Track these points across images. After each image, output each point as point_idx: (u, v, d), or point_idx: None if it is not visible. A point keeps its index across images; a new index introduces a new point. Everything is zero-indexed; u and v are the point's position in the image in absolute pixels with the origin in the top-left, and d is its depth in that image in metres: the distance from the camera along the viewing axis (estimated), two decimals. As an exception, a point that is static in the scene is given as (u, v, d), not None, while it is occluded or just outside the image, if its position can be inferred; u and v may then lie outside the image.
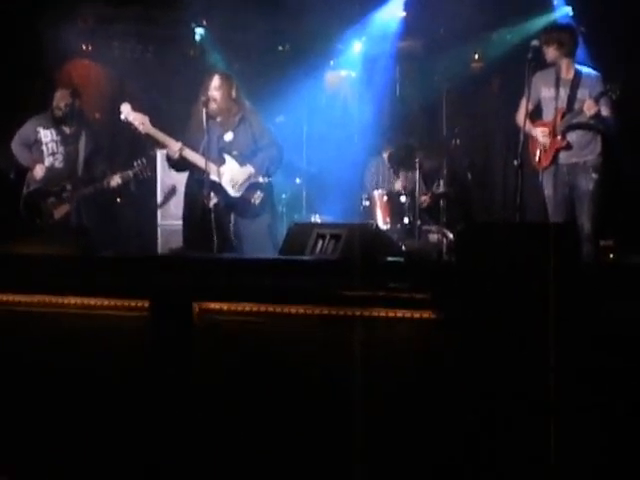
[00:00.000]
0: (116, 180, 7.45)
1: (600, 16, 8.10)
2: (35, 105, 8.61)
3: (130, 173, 7.47)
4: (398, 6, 9.51)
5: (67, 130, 7.52)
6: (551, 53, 6.60)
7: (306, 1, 8.47)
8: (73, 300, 4.03)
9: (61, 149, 7.48)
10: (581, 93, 6.54)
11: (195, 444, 3.79)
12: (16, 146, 7.51)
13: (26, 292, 4.11)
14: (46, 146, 7.47)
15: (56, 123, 7.50)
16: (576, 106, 6.53)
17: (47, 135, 7.48)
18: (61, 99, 7.50)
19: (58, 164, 7.49)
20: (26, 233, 6.26)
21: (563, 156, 6.60)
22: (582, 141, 6.58)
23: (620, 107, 6.55)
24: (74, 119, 7.55)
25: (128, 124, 6.67)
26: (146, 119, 6.64)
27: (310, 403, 3.63)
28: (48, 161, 7.46)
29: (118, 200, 8.68)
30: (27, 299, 4.10)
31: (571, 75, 6.62)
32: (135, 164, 7.49)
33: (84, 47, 9.40)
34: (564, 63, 6.61)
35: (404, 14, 9.53)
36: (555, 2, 8.74)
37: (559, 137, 6.57)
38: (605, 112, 6.46)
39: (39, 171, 7.39)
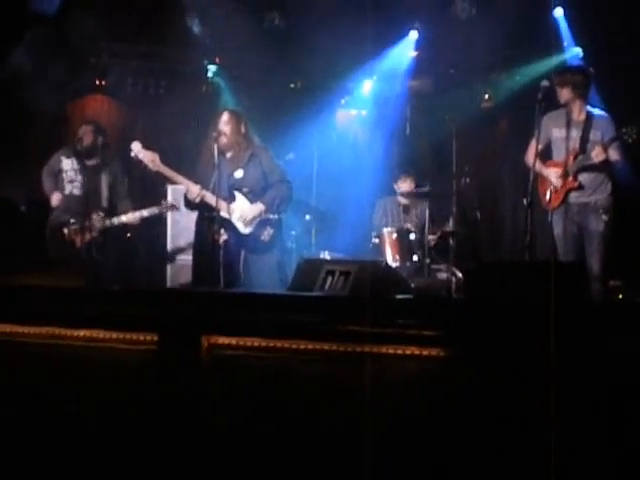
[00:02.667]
0: (137, 216, 7.54)
1: (610, 57, 8.15)
2: (47, 138, 8.70)
3: (156, 210, 7.59)
4: (409, 46, 9.59)
5: (88, 162, 7.60)
6: (565, 94, 6.59)
7: (318, 39, 8.55)
8: (82, 332, 4.02)
9: (79, 177, 7.56)
10: (593, 135, 6.55)
11: (203, 478, 3.77)
12: (45, 176, 7.68)
13: (34, 324, 4.11)
14: (66, 174, 7.60)
15: (78, 155, 7.61)
16: (588, 147, 6.53)
17: (68, 164, 7.61)
18: (83, 134, 7.63)
19: (76, 192, 7.56)
20: (35, 265, 6.30)
21: (573, 196, 6.60)
22: (593, 182, 6.57)
23: (634, 150, 6.56)
24: (97, 154, 7.63)
25: (138, 162, 6.73)
26: (156, 157, 6.70)
27: (318, 439, 3.62)
28: (67, 189, 7.57)
29: (128, 235, 8.70)
30: (35, 331, 4.10)
31: (583, 117, 6.62)
32: (163, 202, 7.69)
33: (98, 82, 9.50)
34: (576, 105, 6.62)
35: (415, 53, 9.61)
36: (565, 43, 8.79)
37: (571, 178, 6.57)
38: (615, 157, 6.46)
39: (55, 200, 7.52)
